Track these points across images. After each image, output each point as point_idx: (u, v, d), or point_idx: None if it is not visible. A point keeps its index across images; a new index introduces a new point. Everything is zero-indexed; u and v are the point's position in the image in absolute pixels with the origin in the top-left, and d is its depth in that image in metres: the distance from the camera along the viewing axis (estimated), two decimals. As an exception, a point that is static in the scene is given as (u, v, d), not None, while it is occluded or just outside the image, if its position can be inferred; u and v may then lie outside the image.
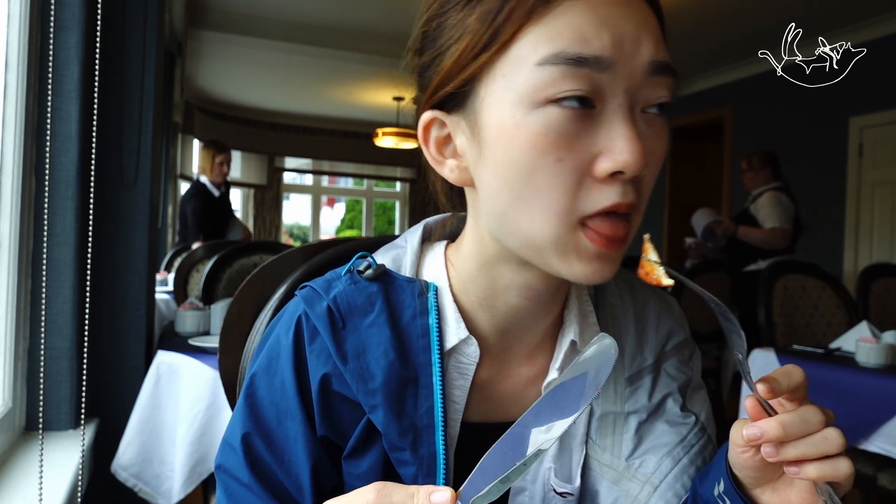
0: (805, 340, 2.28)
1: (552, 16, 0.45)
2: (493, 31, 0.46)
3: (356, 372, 0.52)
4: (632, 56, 0.45)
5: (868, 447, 1.71)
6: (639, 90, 0.46)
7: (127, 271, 1.62)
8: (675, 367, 0.61)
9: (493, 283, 0.55)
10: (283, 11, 4.57)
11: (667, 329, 0.63)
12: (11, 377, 1.23)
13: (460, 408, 0.56)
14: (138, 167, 1.61)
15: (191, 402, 1.54)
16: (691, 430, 0.58)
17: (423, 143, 0.54)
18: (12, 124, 1.21)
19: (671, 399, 0.59)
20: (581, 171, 0.46)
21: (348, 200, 12.88)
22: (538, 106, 0.45)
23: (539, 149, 0.45)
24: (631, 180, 0.46)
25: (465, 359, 0.56)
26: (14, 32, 1.20)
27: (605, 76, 0.45)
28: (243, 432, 0.54)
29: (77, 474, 1.13)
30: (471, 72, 0.48)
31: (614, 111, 0.46)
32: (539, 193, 0.46)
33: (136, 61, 1.60)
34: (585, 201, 0.46)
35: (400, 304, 0.54)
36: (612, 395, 0.59)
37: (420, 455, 0.52)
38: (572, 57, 0.44)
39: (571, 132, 0.45)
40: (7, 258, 1.21)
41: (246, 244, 2.65)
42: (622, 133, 0.45)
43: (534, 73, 0.45)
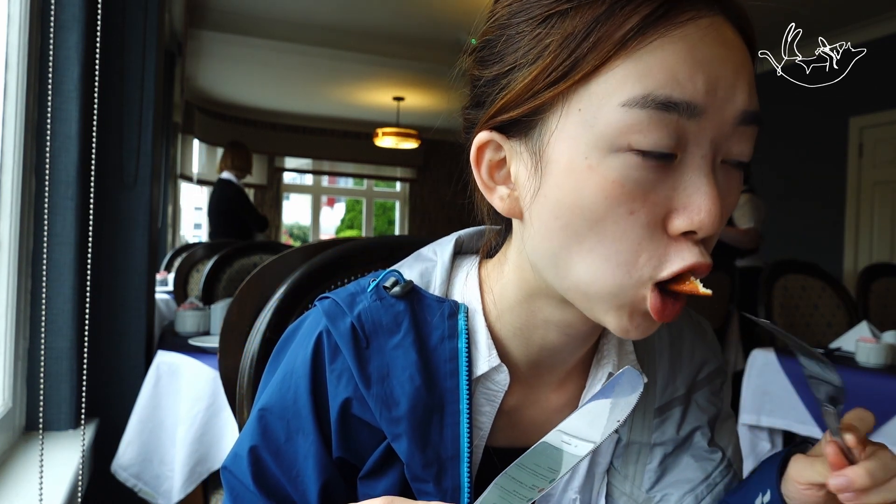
0: (805, 340, 2.28)
1: (644, 51, 0.40)
2: (575, 60, 0.41)
3: (380, 398, 0.49)
4: (724, 104, 0.41)
5: (868, 447, 1.71)
6: (724, 141, 0.43)
7: (127, 271, 1.62)
8: (706, 399, 0.59)
9: (531, 315, 0.52)
10: (283, 11, 4.57)
11: (701, 358, 0.61)
12: (11, 377, 1.23)
13: (485, 434, 0.53)
14: (138, 167, 1.61)
15: (191, 402, 1.54)
16: (717, 467, 0.56)
17: (475, 165, 0.49)
18: (12, 124, 1.21)
19: (699, 433, 0.58)
20: (654, 225, 0.42)
21: (348, 200, 12.89)
22: (617, 151, 0.41)
23: (612, 198, 0.41)
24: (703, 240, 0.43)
25: (494, 386, 0.53)
26: (14, 32, 1.20)
27: (693, 123, 0.41)
28: (251, 445, 0.52)
29: (77, 474, 1.13)
30: (543, 100, 0.43)
31: (697, 164, 0.42)
32: (605, 244, 0.43)
33: (136, 61, 1.60)
34: (657, 261, 0.43)
35: (428, 326, 0.51)
36: (640, 424, 0.57)
37: (444, 488, 0.49)
38: (663, 101, 0.40)
39: (648, 184, 0.41)
40: (7, 258, 1.21)
41: (246, 244, 2.65)
42: (702, 190, 0.41)
43: (616, 114, 0.41)
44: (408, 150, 8.02)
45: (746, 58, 0.43)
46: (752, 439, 2.05)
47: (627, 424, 0.57)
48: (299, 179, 9.59)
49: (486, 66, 0.48)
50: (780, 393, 1.95)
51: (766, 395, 2.00)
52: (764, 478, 0.52)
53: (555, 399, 0.57)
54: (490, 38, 0.48)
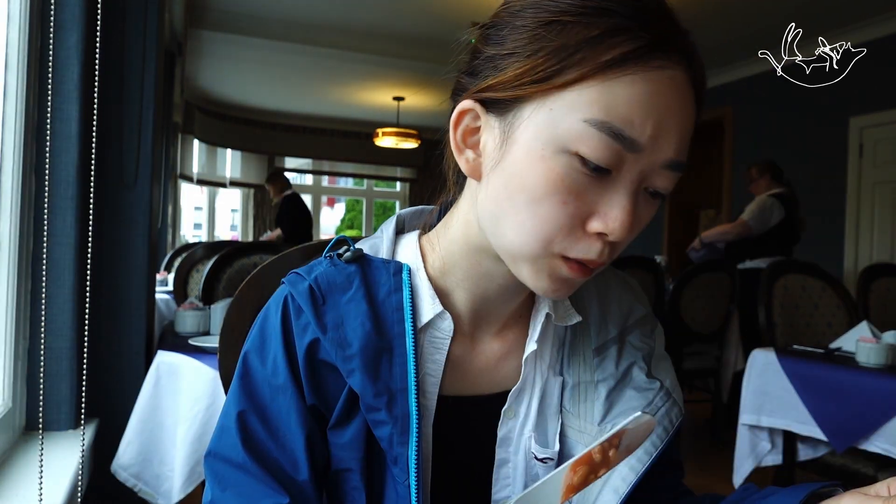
0: (805, 340, 2.28)
1: (616, 81, 0.48)
2: (561, 67, 0.49)
3: (335, 340, 0.56)
4: (660, 148, 0.50)
5: (868, 447, 1.71)
6: (650, 175, 0.51)
7: (127, 271, 1.62)
8: (638, 339, 0.66)
9: (475, 266, 0.60)
10: (283, 11, 4.57)
11: (628, 305, 0.68)
12: (11, 377, 1.23)
13: (436, 381, 0.60)
14: (138, 167, 1.61)
15: (191, 402, 1.54)
16: (657, 394, 0.62)
17: (454, 126, 0.57)
18: (12, 124, 1.21)
19: (636, 367, 0.63)
20: (577, 218, 0.51)
21: (348, 200, 12.88)
22: (568, 152, 0.49)
23: (552, 186, 0.50)
24: (611, 243, 0.52)
25: (439, 333, 0.60)
26: (14, 32, 1.20)
27: (631, 156, 0.49)
28: (238, 410, 0.57)
29: (77, 474, 1.13)
30: (525, 93, 0.51)
31: (623, 184, 0.50)
32: (534, 220, 0.51)
33: (136, 61, 1.59)
34: (568, 245, 0.52)
35: (376, 283, 0.59)
36: (582, 365, 0.64)
37: (395, 415, 0.55)
38: (616, 132, 0.48)
39: (582, 186, 0.50)
40: (7, 258, 1.21)
41: (246, 244, 2.65)
42: (621, 205, 0.50)
43: (577, 125, 0.49)
44: (408, 150, 8.01)
45: (691, 114, 0.52)
46: (752, 439, 2.05)
47: (570, 368, 0.64)
48: (299, 179, 9.59)
49: (489, 44, 0.54)
50: (780, 393, 1.95)
51: (766, 395, 2.00)
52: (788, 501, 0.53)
53: (497, 347, 0.64)
54: (499, 21, 0.54)
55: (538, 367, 0.63)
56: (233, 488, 0.56)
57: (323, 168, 8.81)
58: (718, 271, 3.48)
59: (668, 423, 0.61)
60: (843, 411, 1.77)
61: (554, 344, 0.65)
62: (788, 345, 2.21)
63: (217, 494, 0.57)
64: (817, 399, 1.85)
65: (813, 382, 1.88)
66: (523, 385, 0.62)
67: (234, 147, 7.90)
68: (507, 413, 0.62)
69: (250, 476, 0.56)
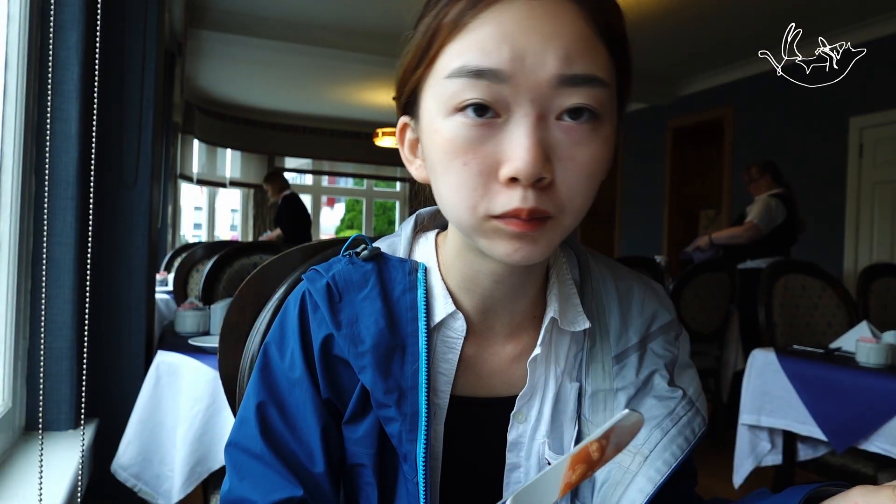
0: (805, 340, 2.28)
1: (465, 32, 0.49)
2: (427, 47, 0.52)
3: (348, 337, 0.57)
4: (534, 70, 0.48)
5: (868, 447, 1.71)
6: (549, 101, 0.49)
7: (127, 271, 1.62)
8: (661, 346, 0.64)
9: (468, 268, 0.60)
10: (283, 11, 4.56)
11: (651, 311, 0.66)
12: (11, 377, 1.23)
13: (449, 380, 0.60)
14: (138, 167, 1.61)
15: (191, 402, 1.54)
16: (679, 403, 0.60)
17: (399, 143, 0.60)
18: (12, 124, 1.21)
19: (658, 375, 0.62)
20: (486, 174, 0.50)
21: (348, 200, 12.88)
22: (448, 115, 0.50)
23: (449, 153, 0.51)
24: (537, 186, 0.49)
25: (452, 333, 0.61)
26: (14, 32, 1.20)
27: (505, 88, 0.48)
28: (258, 401, 0.59)
29: (77, 474, 1.13)
30: (413, 84, 0.54)
31: (518, 121, 0.49)
32: (452, 191, 0.52)
33: (136, 61, 1.59)
34: (490, 203, 0.50)
35: (392, 281, 0.60)
36: (601, 373, 0.62)
37: (404, 412, 0.56)
38: (472, 70, 0.48)
39: (476, 139, 0.49)
40: (7, 258, 1.21)
41: (246, 244, 2.65)
42: (519, 142, 0.48)
43: (444, 85, 0.50)
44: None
45: (568, 26, 0.49)
46: (752, 439, 2.04)
47: (589, 376, 0.63)
48: (299, 179, 9.59)
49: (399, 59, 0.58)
50: (780, 393, 1.95)
51: (766, 395, 2.00)
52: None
53: (510, 349, 0.63)
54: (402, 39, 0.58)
55: (551, 371, 0.62)
56: (250, 478, 0.57)
57: (323, 168, 8.80)
58: (718, 271, 3.48)
59: (689, 433, 0.59)
60: (843, 411, 1.77)
61: (571, 350, 0.64)
62: (788, 345, 2.21)
63: (235, 484, 0.58)
64: (817, 399, 1.85)
65: (813, 382, 1.88)
66: (532, 389, 0.61)
67: (234, 147, 7.89)
68: (517, 417, 0.61)
69: (267, 467, 0.57)
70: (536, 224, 0.50)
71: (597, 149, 0.51)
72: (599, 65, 0.50)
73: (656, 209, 6.18)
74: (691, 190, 6.02)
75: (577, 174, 0.50)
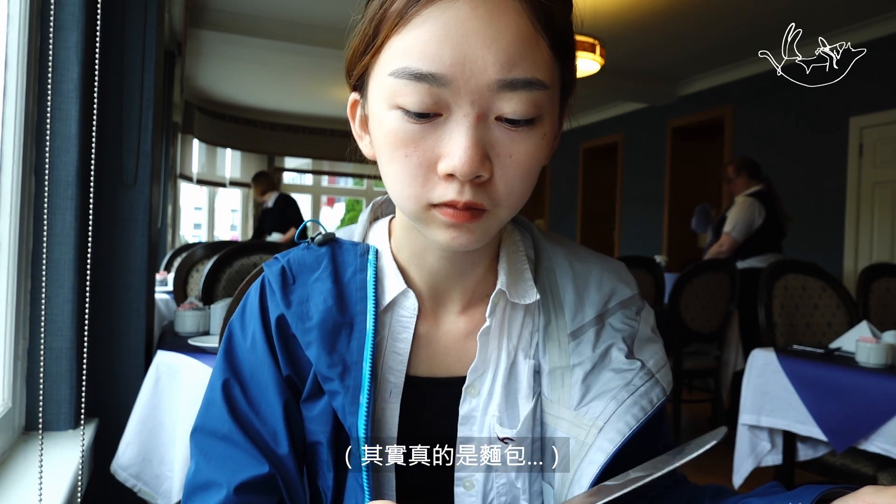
0: (805, 340, 2.28)
1: (409, 27, 0.50)
2: (374, 35, 0.53)
3: (297, 314, 0.59)
4: (474, 74, 0.49)
5: (868, 447, 1.71)
6: (489, 103, 0.50)
7: (127, 271, 1.62)
8: (619, 321, 0.64)
9: (414, 243, 0.62)
10: (283, 11, 4.56)
11: (610, 287, 0.66)
12: (11, 377, 1.23)
13: (404, 359, 0.62)
14: (138, 167, 1.61)
15: (191, 402, 1.54)
16: (636, 374, 0.60)
17: (351, 118, 0.62)
18: (12, 124, 1.21)
19: (615, 349, 0.62)
20: (426, 167, 0.52)
21: (348, 200, 12.88)
22: (391, 108, 0.52)
23: (391, 144, 0.52)
24: (474, 182, 0.51)
25: (405, 312, 0.62)
26: (14, 32, 1.20)
27: (446, 90, 0.49)
28: (223, 379, 0.61)
29: (77, 474, 1.13)
30: (361, 69, 0.56)
31: (458, 120, 0.50)
32: (395, 179, 0.54)
33: (136, 61, 1.59)
34: (429, 193, 0.52)
35: (344, 263, 0.62)
36: (557, 350, 0.63)
37: (346, 385, 0.57)
38: (414, 72, 0.49)
39: (417, 134, 0.51)
40: (7, 258, 1.21)
41: (246, 244, 2.65)
42: (457, 141, 0.50)
43: (388, 81, 0.51)
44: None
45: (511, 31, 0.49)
46: (752, 439, 2.04)
47: (546, 353, 0.63)
48: (299, 179, 9.59)
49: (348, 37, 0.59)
50: (780, 393, 1.95)
51: (766, 395, 2.00)
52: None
53: (463, 325, 0.64)
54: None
55: (503, 346, 0.63)
56: (217, 460, 0.58)
57: (323, 168, 8.80)
58: (718, 271, 3.48)
59: (646, 403, 0.59)
60: (843, 411, 1.77)
61: (525, 326, 0.64)
62: (788, 345, 2.21)
63: (201, 466, 0.59)
64: (817, 399, 1.85)
65: (813, 382, 1.87)
66: (484, 363, 0.62)
67: (234, 147, 7.89)
68: (469, 391, 0.62)
69: (234, 447, 0.58)
70: (471, 216, 0.52)
71: (534, 146, 0.52)
72: (540, 66, 0.51)
73: (656, 209, 6.17)
74: (691, 190, 6.02)
75: (514, 170, 0.52)
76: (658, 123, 6.17)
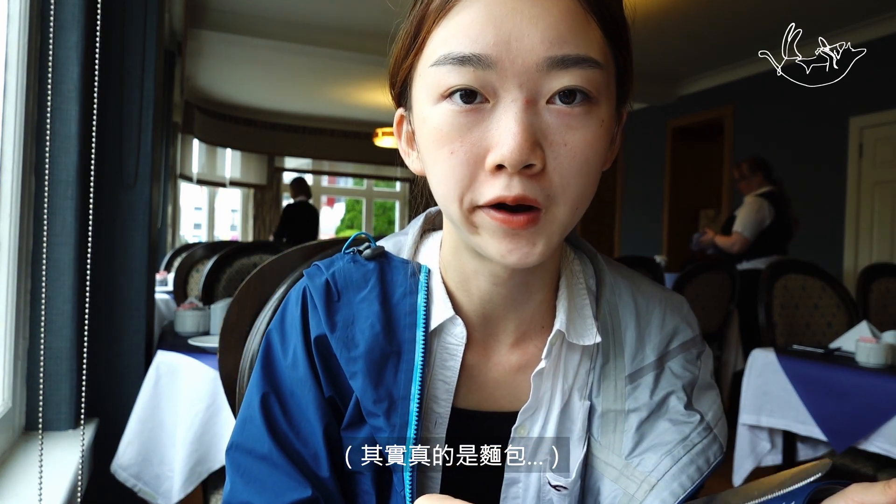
0: (805, 340, 2.28)
1: (450, 17, 0.48)
2: (415, 35, 0.51)
3: (341, 340, 0.55)
4: (520, 53, 0.46)
5: (868, 447, 1.71)
6: (538, 84, 0.47)
7: (127, 271, 1.62)
8: (680, 366, 0.59)
9: (463, 266, 0.57)
10: (283, 11, 4.56)
11: (672, 327, 0.61)
12: (11, 377, 1.23)
13: (451, 389, 0.57)
14: (138, 167, 1.61)
15: (191, 402, 1.54)
16: (695, 429, 0.56)
17: (397, 136, 0.59)
18: (12, 124, 1.21)
19: (674, 397, 0.57)
20: (474, 163, 0.48)
21: (348, 200, 12.88)
22: (436, 102, 0.49)
23: (436, 142, 0.49)
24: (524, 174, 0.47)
25: (452, 339, 0.58)
26: (14, 32, 1.20)
27: (492, 73, 0.46)
28: (262, 393, 0.57)
29: (77, 474, 1.13)
30: (404, 74, 0.53)
31: (506, 106, 0.47)
32: (441, 181, 0.50)
33: (136, 61, 1.59)
34: (477, 193, 0.48)
35: (393, 283, 0.58)
36: (612, 392, 0.58)
37: (392, 423, 0.53)
38: (457, 56, 0.47)
39: (463, 126, 0.48)
40: (7, 258, 1.21)
41: (246, 244, 2.65)
42: (506, 126, 0.46)
43: (430, 73, 0.49)
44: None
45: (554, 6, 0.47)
46: (752, 439, 2.05)
47: (600, 394, 0.59)
48: (299, 179, 9.56)
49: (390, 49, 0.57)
50: (780, 393, 1.95)
51: (766, 395, 2.00)
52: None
53: (514, 359, 0.60)
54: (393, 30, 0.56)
55: (558, 386, 0.59)
56: (256, 482, 0.54)
57: (323, 168, 8.81)
58: (718, 271, 3.48)
59: (702, 463, 0.54)
60: (842, 411, 1.77)
61: (582, 365, 0.60)
62: (788, 345, 2.21)
63: (239, 487, 0.55)
64: (817, 399, 1.85)
65: (813, 382, 1.88)
66: (537, 403, 0.58)
67: (234, 147, 7.90)
68: (519, 431, 0.58)
69: (275, 468, 0.54)
70: (527, 220, 0.48)
71: (591, 133, 0.48)
72: (592, 45, 0.47)
73: (656, 209, 6.17)
74: (691, 190, 6.02)
75: (570, 161, 0.48)
76: (658, 123, 6.17)
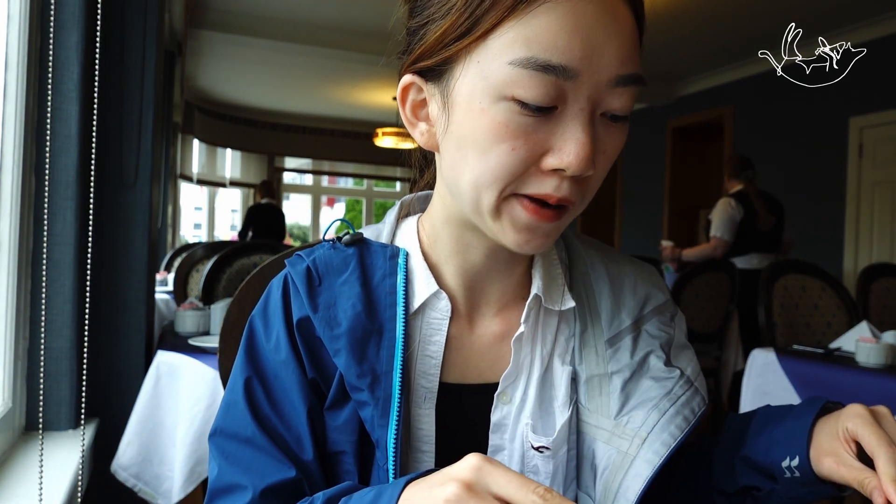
0: (805, 340, 2.28)
1: (532, 15, 0.47)
2: (475, 19, 0.48)
3: (324, 319, 0.57)
4: (599, 68, 0.47)
5: (868, 447, 1.71)
6: (602, 98, 0.49)
7: (127, 271, 1.62)
8: (655, 327, 0.63)
9: (457, 239, 0.60)
10: (283, 11, 4.57)
11: (644, 293, 0.64)
12: (11, 377, 1.23)
13: (437, 363, 0.59)
14: (138, 167, 1.61)
15: (191, 402, 1.54)
16: (676, 382, 0.59)
17: (401, 103, 0.57)
18: (12, 124, 1.21)
19: (653, 356, 0.61)
20: (530, 161, 0.50)
21: (348, 200, 12.88)
22: (503, 100, 0.48)
23: (497, 136, 0.49)
24: (572, 178, 0.50)
25: (437, 314, 0.60)
26: (14, 32, 1.20)
27: (570, 83, 0.47)
28: (245, 377, 0.58)
29: (77, 474, 1.13)
30: (451, 53, 0.51)
31: (574, 114, 0.49)
32: (485, 171, 0.50)
33: (136, 61, 1.59)
34: (523, 184, 0.50)
35: (372, 266, 0.60)
36: (594, 358, 0.61)
37: (376, 396, 0.55)
38: (542, 63, 0.46)
39: (529, 127, 0.49)
40: (7, 258, 1.21)
41: (246, 244, 2.65)
42: (576, 136, 0.48)
43: (505, 70, 0.48)
44: (408, 150, 8.01)
45: (625, 26, 0.49)
46: (752, 439, 2.04)
47: (583, 361, 0.61)
48: (299, 179, 9.60)
49: (412, 17, 0.55)
50: (780, 393, 1.95)
51: (766, 395, 2.00)
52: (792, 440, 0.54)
53: (497, 328, 0.62)
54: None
55: (536, 352, 0.61)
56: (241, 463, 0.56)
57: (323, 168, 8.81)
58: (718, 271, 3.48)
59: (688, 413, 0.57)
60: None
61: (561, 332, 0.62)
62: (788, 345, 2.21)
63: (224, 468, 0.56)
64: (817, 399, 1.84)
65: (813, 382, 1.88)
66: (517, 369, 0.60)
67: (234, 147, 7.90)
68: (501, 397, 0.60)
69: (258, 450, 0.56)
70: (556, 215, 0.51)
71: (622, 142, 0.52)
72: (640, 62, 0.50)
73: (656, 209, 6.18)
74: (691, 190, 6.02)
75: (605, 166, 0.52)
76: (658, 123, 6.17)
